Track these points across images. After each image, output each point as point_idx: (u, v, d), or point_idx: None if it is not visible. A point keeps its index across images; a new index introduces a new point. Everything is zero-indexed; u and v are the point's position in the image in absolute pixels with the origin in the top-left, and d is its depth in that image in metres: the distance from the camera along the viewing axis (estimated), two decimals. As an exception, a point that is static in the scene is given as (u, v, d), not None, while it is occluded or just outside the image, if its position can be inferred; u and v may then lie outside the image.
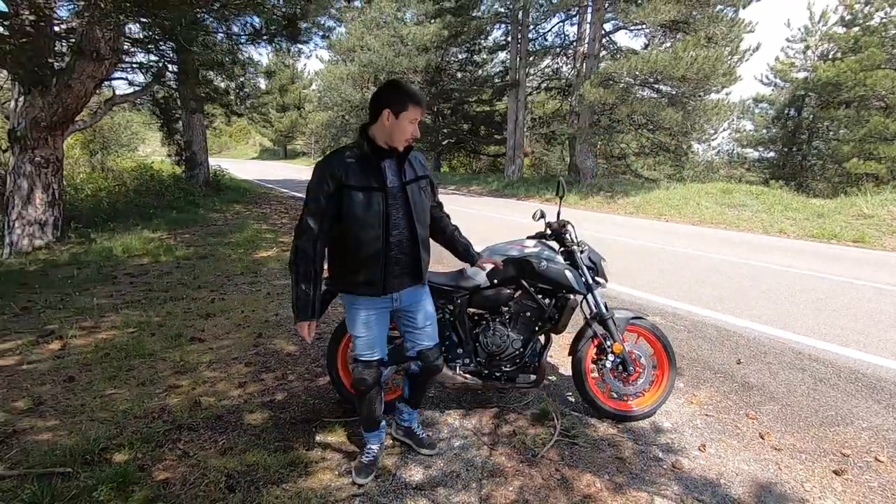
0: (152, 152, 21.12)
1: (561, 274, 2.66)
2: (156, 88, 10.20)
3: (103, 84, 7.92)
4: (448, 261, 6.60)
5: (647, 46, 16.93)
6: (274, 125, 38.22)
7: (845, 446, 2.63)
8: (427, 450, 2.48)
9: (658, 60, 12.94)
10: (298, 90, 42.93)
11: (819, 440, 2.69)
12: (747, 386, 3.28)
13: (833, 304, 4.90)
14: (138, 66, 8.87)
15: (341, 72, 26.81)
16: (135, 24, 7.38)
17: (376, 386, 2.20)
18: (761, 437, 2.71)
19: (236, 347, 3.72)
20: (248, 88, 13.76)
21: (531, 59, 19.81)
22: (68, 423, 2.62)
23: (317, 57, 70.18)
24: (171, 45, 8.23)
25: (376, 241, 1.98)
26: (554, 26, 19.76)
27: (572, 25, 18.39)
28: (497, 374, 2.74)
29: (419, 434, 2.53)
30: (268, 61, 31.31)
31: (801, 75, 21.23)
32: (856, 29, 18.14)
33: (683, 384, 3.31)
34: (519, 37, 18.77)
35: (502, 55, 23.75)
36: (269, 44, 7.86)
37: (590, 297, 2.76)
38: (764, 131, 23.45)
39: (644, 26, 15.59)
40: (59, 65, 6.86)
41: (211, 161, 14.96)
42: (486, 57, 25.11)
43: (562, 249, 2.82)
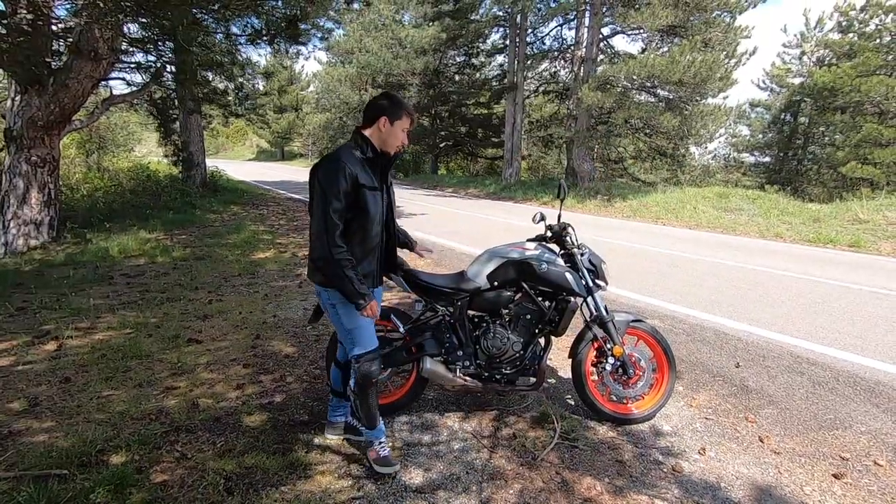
0: (149, 153, 21.01)
1: (561, 276, 2.66)
2: (153, 88, 10.17)
3: (101, 84, 7.89)
4: (448, 263, 6.59)
5: (644, 51, 17.01)
6: (271, 126, 38.20)
7: (844, 450, 2.64)
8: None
9: (655, 64, 13.01)
10: (296, 92, 42.91)
11: (818, 444, 2.69)
12: (746, 389, 3.28)
13: (830, 308, 4.92)
14: (136, 65, 8.84)
15: (339, 74, 26.79)
16: (134, 24, 7.36)
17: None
18: (761, 441, 2.71)
19: (234, 349, 3.70)
20: (247, 89, 13.72)
21: (529, 62, 19.88)
22: (64, 425, 2.60)
23: (315, 59, 70.33)
24: (170, 45, 8.22)
25: (378, 235, 2.21)
26: (552, 30, 19.88)
27: (570, 29, 18.48)
28: (497, 377, 2.73)
29: (356, 425, 2.53)
30: (266, 62, 31.28)
31: (797, 81, 21.42)
32: (851, 35, 18.31)
33: (683, 387, 3.31)
34: (517, 40, 18.83)
35: (500, 58, 23.83)
36: (269, 45, 7.86)
37: (590, 299, 2.76)
38: (760, 136, 23.64)
39: (642, 31, 15.67)
40: (57, 64, 6.84)
41: (208, 162, 14.91)
42: (484, 60, 25.17)
43: (562, 252, 2.82)
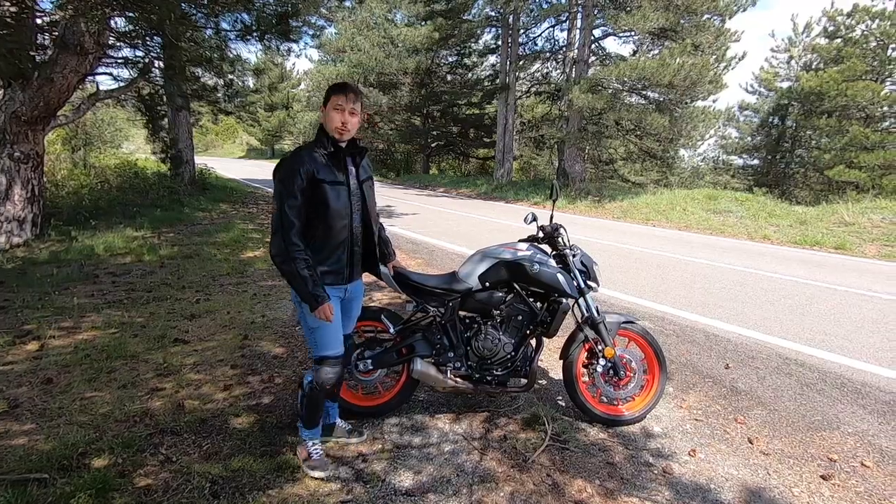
0: (137, 149, 20.75)
1: (553, 277, 2.65)
2: (141, 84, 10.02)
3: (87, 79, 7.75)
4: (439, 263, 6.57)
5: (635, 53, 17.14)
6: (262, 124, 37.88)
7: (832, 451, 2.66)
8: (357, 438, 2.52)
9: (646, 67, 13.10)
10: (287, 89, 42.61)
11: (806, 445, 2.71)
12: (735, 391, 3.30)
13: (817, 309, 4.97)
14: (123, 61, 8.70)
15: (331, 72, 26.62)
16: (120, 18, 7.24)
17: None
18: (750, 442, 2.72)
19: (222, 349, 3.64)
20: (237, 86, 13.57)
21: (521, 63, 19.93)
22: (45, 427, 2.53)
23: (306, 56, 69.97)
24: (158, 40, 8.09)
25: (344, 230, 2.14)
26: (544, 31, 19.93)
27: (562, 31, 18.54)
28: (488, 378, 2.72)
29: (344, 427, 2.54)
30: (256, 59, 31.06)
31: (785, 84, 21.72)
32: (838, 40, 18.58)
33: (673, 388, 3.32)
34: (509, 41, 18.86)
35: (492, 59, 23.87)
36: (260, 41, 7.76)
37: (581, 300, 2.75)
38: (749, 139, 23.93)
39: (633, 33, 15.77)
40: (41, 58, 6.70)
41: (197, 159, 14.73)
42: (476, 60, 25.20)
43: (554, 253, 2.81)
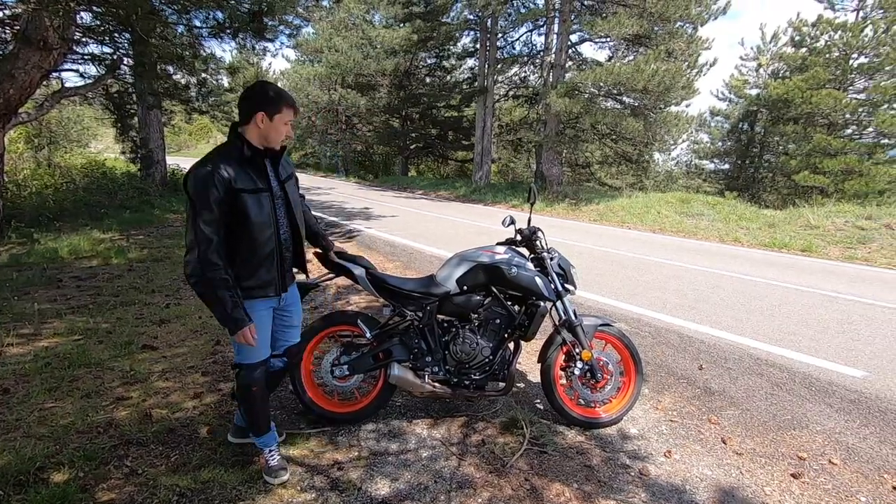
0: (105, 149, 20.10)
1: (531, 281, 2.64)
2: (109, 82, 9.71)
3: (51, 75, 7.46)
4: (417, 266, 6.53)
5: (611, 59, 17.43)
6: (237, 124, 37.15)
7: (801, 450, 2.72)
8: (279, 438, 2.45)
9: (621, 72, 13.33)
10: (263, 89, 41.92)
11: (777, 444, 2.77)
12: (709, 391, 3.35)
13: (786, 310, 5.10)
14: (90, 57, 8.40)
15: (308, 72, 26.38)
16: (87, 13, 6.99)
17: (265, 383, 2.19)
18: (723, 442, 2.76)
19: (192, 355, 3.53)
20: (210, 85, 13.26)
21: (499, 66, 20.04)
22: (0, 441, 2.40)
23: (283, 56, 68.96)
24: (128, 36, 7.84)
25: (270, 241, 2.01)
26: (522, 35, 20.09)
27: (540, 35, 18.74)
28: (466, 382, 2.69)
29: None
30: (231, 58, 30.49)
31: (753, 92, 22.40)
32: (803, 50, 19.27)
33: (648, 390, 3.36)
34: (487, 44, 18.96)
35: (471, 62, 23.97)
36: (233, 39, 7.60)
37: (559, 303, 2.76)
38: (719, 144, 24.60)
39: (608, 39, 16.03)
40: (2, 52, 6.43)
41: (169, 160, 14.36)
42: (454, 63, 25.27)
43: (532, 256, 2.81)
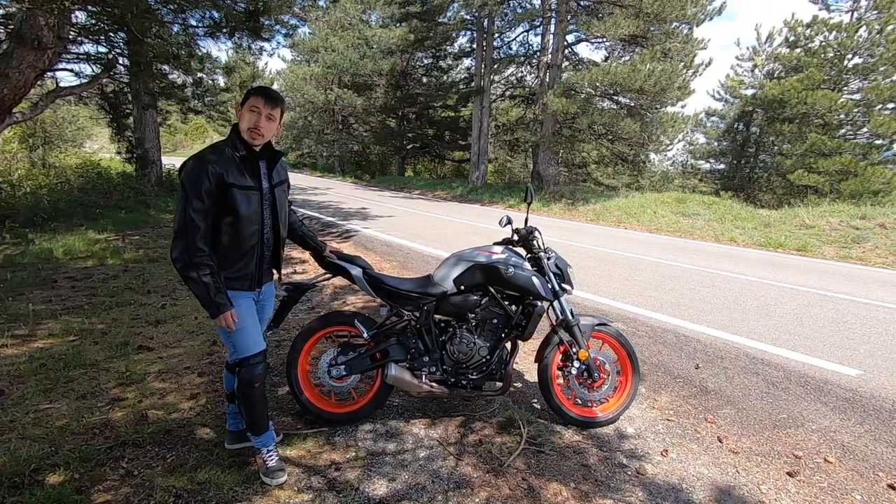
0: (100, 149, 20.00)
1: (528, 280, 2.64)
2: (105, 81, 9.66)
3: (45, 74, 7.42)
4: (414, 266, 6.52)
5: (607, 59, 17.47)
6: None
7: (797, 448, 2.73)
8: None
9: (618, 72, 13.36)
10: (259, 89, 41.81)
11: (773, 442, 2.78)
12: (705, 390, 3.36)
13: (782, 310, 5.13)
14: (86, 56, 8.37)
15: (304, 72, 26.34)
16: (82, 12, 6.96)
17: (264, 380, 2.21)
18: (720, 441, 2.77)
19: (188, 356, 3.52)
20: (206, 85, 13.22)
21: (496, 66, 20.06)
22: (-5, 442, 2.39)
23: (279, 56, 68.81)
24: (123, 35, 7.81)
25: (254, 236, 2.09)
26: (518, 35, 20.13)
27: (536, 35, 18.80)
28: (463, 382, 2.69)
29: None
30: (227, 58, 30.43)
31: (749, 92, 22.47)
32: (798, 50, 19.35)
33: (645, 389, 3.37)
34: (484, 44, 18.97)
35: (467, 62, 24.01)
36: (230, 38, 7.58)
37: (556, 303, 2.76)
38: (715, 144, 24.68)
39: (604, 39, 16.08)
40: (-4, 52, 6.38)
41: (165, 160, 14.30)
42: (451, 63, 25.28)
43: (529, 256, 2.81)
